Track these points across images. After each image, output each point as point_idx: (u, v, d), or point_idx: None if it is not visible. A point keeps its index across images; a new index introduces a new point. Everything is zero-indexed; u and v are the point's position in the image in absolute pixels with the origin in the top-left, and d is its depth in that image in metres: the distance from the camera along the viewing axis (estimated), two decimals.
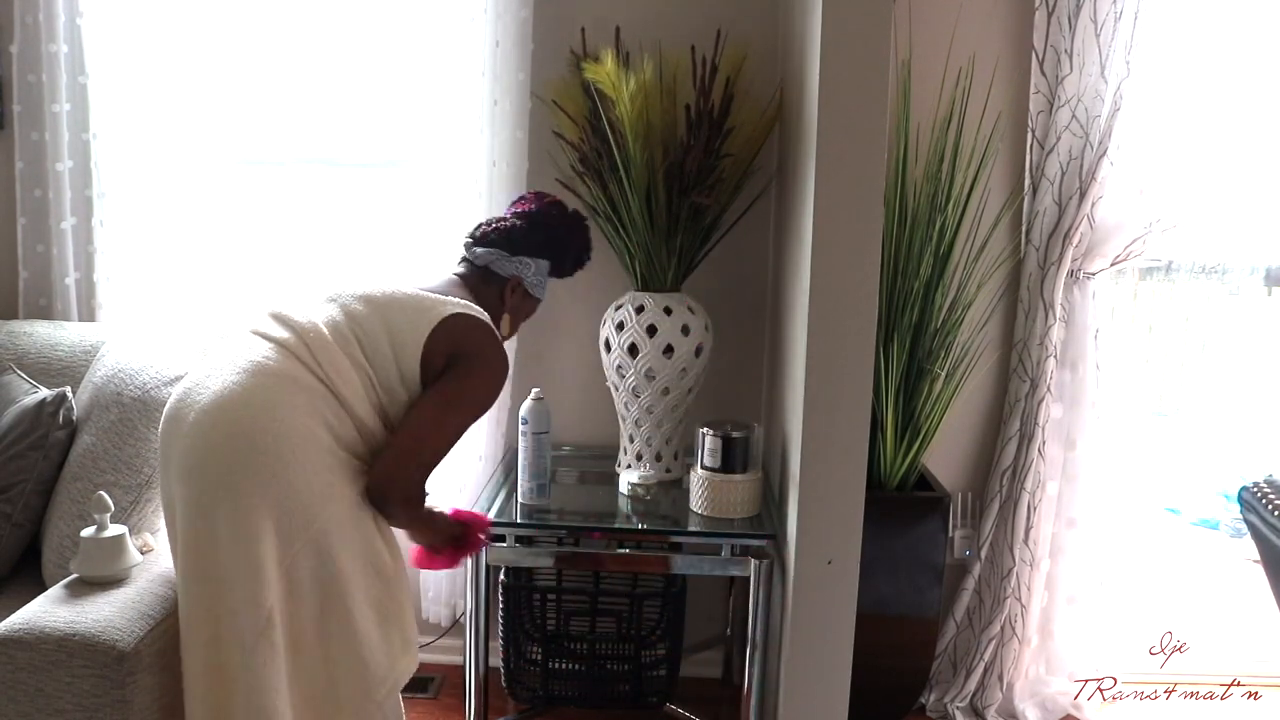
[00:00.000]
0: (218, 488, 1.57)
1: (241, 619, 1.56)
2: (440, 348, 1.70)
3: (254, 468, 1.57)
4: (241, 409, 1.59)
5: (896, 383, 2.26)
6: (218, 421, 1.59)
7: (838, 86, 1.75)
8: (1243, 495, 1.69)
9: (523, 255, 1.91)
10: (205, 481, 1.58)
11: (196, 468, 1.59)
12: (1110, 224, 2.38)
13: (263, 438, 1.57)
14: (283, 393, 1.61)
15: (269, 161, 2.64)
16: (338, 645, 1.64)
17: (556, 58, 2.40)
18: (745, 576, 2.01)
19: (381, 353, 1.69)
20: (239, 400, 1.60)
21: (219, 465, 1.58)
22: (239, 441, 1.57)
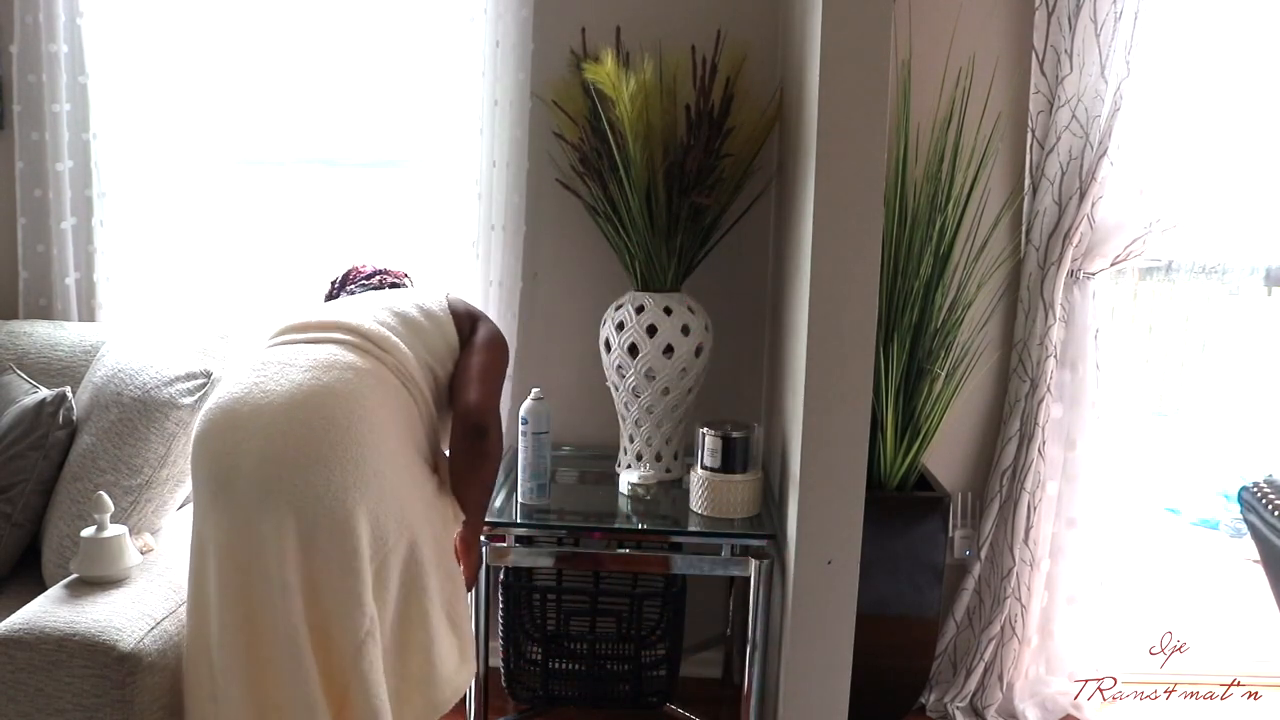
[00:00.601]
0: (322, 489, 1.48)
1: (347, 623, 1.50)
2: (461, 315, 1.85)
3: (354, 461, 1.51)
4: (327, 399, 1.53)
5: (896, 383, 2.26)
6: (302, 415, 1.51)
7: (838, 86, 1.75)
8: (1243, 495, 1.69)
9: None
10: (309, 484, 1.48)
11: (293, 470, 1.49)
12: (1110, 224, 2.38)
13: (359, 426, 1.52)
14: (363, 384, 1.58)
15: (269, 161, 2.64)
16: (414, 649, 1.60)
17: (557, 58, 2.40)
18: (745, 576, 2.01)
19: (428, 332, 1.76)
20: (322, 391, 1.53)
21: (318, 463, 1.49)
22: (333, 432, 1.50)
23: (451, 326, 1.80)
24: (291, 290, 2.66)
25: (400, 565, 1.58)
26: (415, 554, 1.59)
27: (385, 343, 1.65)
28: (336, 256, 2.65)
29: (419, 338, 1.73)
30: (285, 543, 1.49)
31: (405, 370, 1.65)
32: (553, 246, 2.52)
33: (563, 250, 2.52)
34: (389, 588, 1.57)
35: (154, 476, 1.94)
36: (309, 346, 1.63)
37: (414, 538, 1.59)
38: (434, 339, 1.76)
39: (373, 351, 1.64)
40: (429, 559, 1.62)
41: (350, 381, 1.56)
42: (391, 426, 1.60)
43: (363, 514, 1.51)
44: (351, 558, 1.50)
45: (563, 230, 2.50)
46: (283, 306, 2.61)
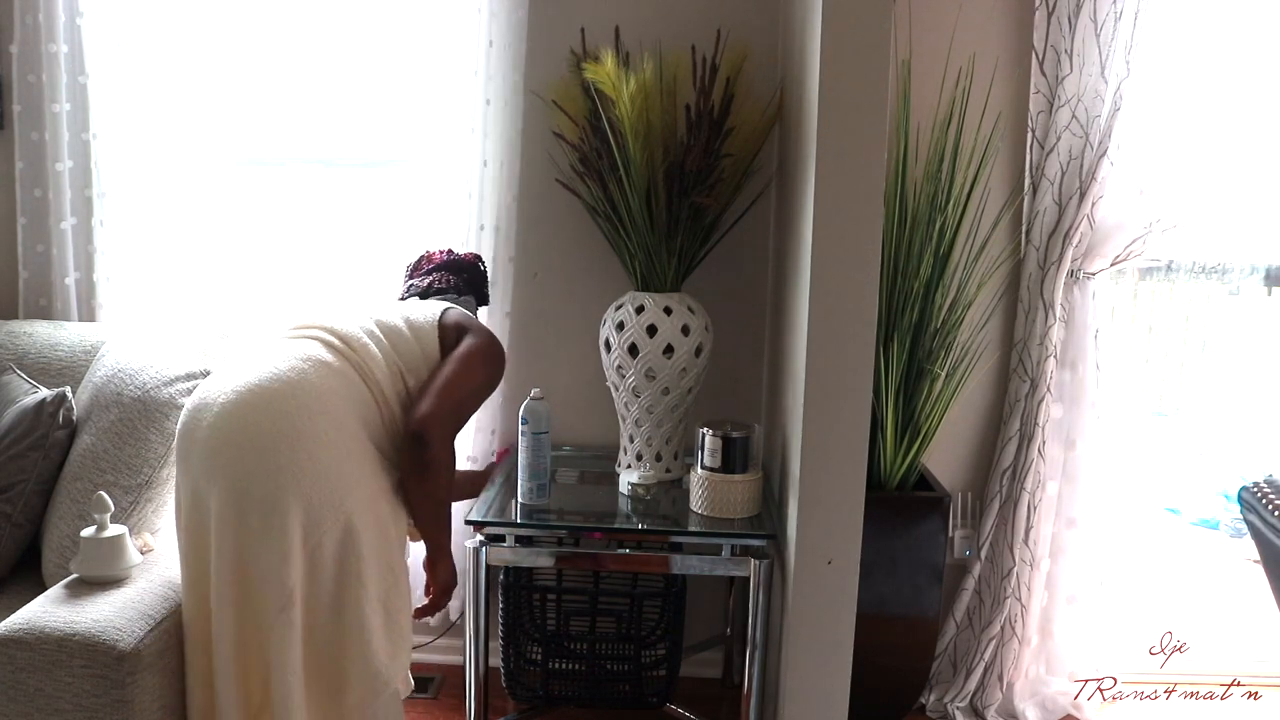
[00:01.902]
0: (254, 465, 1.60)
1: (265, 594, 1.59)
2: (450, 331, 1.88)
3: (291, 446, 1.60)
4: (280, 389, 1.65)
5: (896, 383, 2.26)
6: (255, 402, 1.63)
7: (838, 86, 1.75)
8: (1243, 495, 1.69)
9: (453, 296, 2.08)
10: (242, 459, 1.61)
11: (232, 446, 1.62)
12: (1110, 224, 2.38)
13: (301, 416, 1.63)
14: (320, 377, 1.68)
15: (269, 161, 2.64)
16: (349, 632, 1.66)
17: (554, 57, 2.40)
18: (745, 576, 2.01)
19: (405, 339, 1.81)
20: (278, 382, 1.65)
21: (257, 443, 1.61)
22: (279, 420, 1.62)
23: (434, 339, 1.85)
24: (291, 290, 2.66)
25: (335, 548, 1.63)
26: (351, 541, 1.64)
27: (356, 344, 1.75)
28: (335, 256, 2.67)
29: (395, 345, 1.80)
30: (223, 511, 1.60)
31: (370, 372, 1.74)
32: (553, 247, 2.52)
33: (563, 250, 2.53)
34: (323, 569, 1.63)
35: (154, 476, 1.94)
36: (293, 342, 1.76)
37: (350, 524, 1.64)
38: (410, 348, 1.81)
39: (344, 352, 1.74)
40: (368, 547, 1.67)
41: (309, 374, 1.68)
42: (346, 421, 1.68)
43: (293, 495, 1.59)
44: (277, 534, 1.58)
45: (563, 230, 2.51)
46: (282, 306, 2.62)
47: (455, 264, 2.15)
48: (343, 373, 1.71)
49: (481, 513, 2.06)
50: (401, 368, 1.79)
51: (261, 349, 1.75)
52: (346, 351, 1.74)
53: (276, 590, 1.59)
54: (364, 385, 1.73)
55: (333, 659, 1.65)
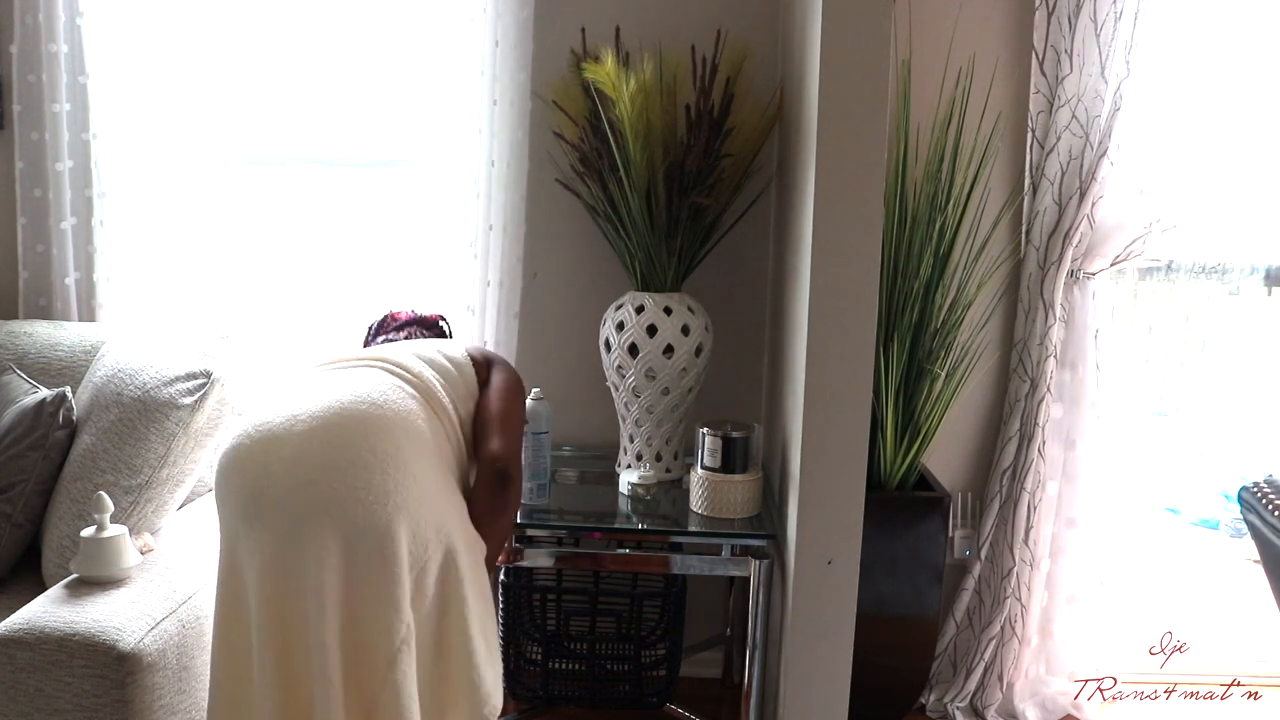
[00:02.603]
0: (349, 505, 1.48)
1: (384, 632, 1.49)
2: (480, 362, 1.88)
3: (391, 462, 1.51)
4: (369, 409, 1.56)
5: (896, 383, 2.26)
6: (340, 422, 1.53)
7: (838, 86, 1.75)
8: (1243, 495, 1.69)
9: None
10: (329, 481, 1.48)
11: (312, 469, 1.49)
12: (1110, 224, 2.38)
13: (398, 432, 1.55)
14: (402, 400, 1.63)
15: (269, 161, 2.64)
16: (454, 660, 1.59)
17: (557, 58, 2.40)
18: (745, 576, 2.02)
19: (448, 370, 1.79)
20: (363, 403, 1.57)
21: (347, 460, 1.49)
22: (372, 437, 1.52)
23: (471, 371, 1.84)
24: (290, 290, 2.66)
25: (438, 572, 1.57)
26: (453, 562, 1.59)
27: (415, 373, 1.71)
28: (336, 256, 2.67)
29: (443, 376, 1.77)
30: (324, 548, 1.48)
31: (438, 400, 1.70)
32: (553, 246, 2.52)
33: (563, 250, 2.53)
34: (426, 594, 1.56)
35: (154, 476, 1.94)
36: (351, 371, 1.69)
37: (451, 546, 1.59)
38: (456, 382, 1.79)
39: (409, 380, 1.69)
40: (466, 571, 1.61)
41: (392, 396, 1.61)
42: (432, 443, 1.63)
43: (403, 519, 1.51)
44: (391, 563, 1.50)
45: (563, 230, 2.51)
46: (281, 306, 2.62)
47: (422, 321, 2.11)
48: (414, 397, 1.66)
49: None
50: (455, 401, 1.75)
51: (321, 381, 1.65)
52: (411, 379, 1.69)
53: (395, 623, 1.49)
54: (434, 413, 1.68)
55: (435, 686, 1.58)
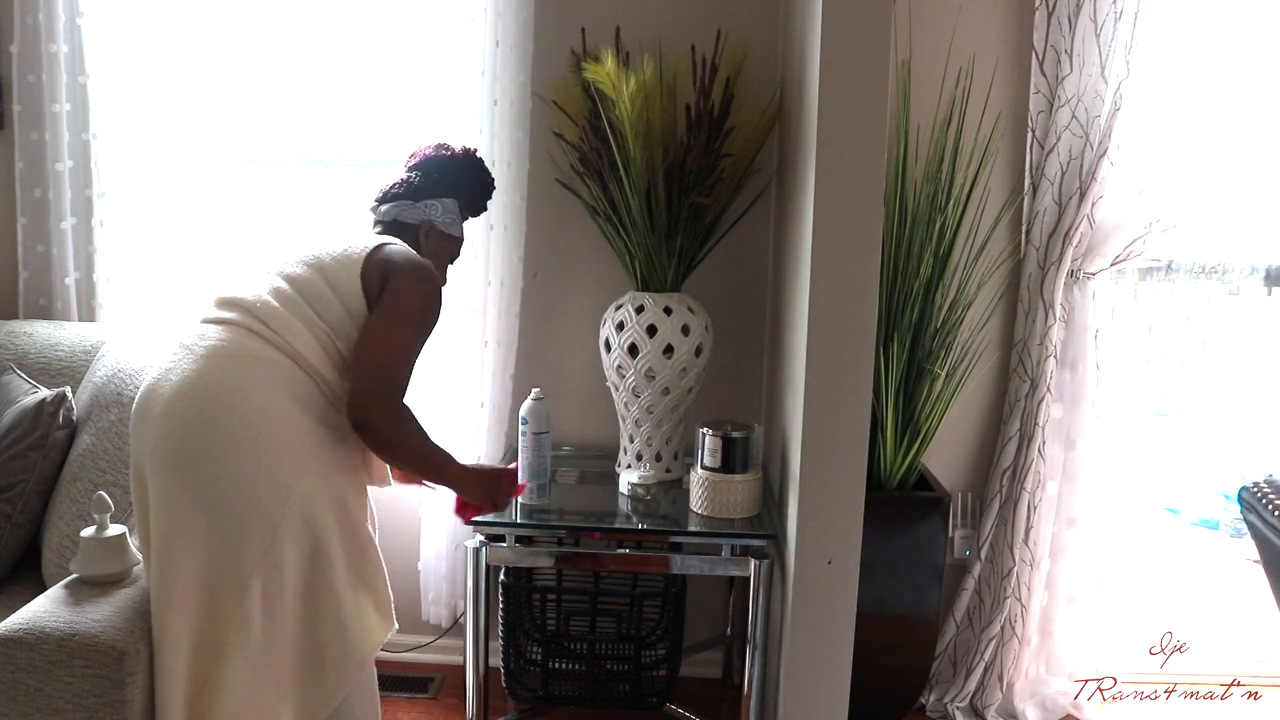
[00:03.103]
0: (191, 476, 1.60)
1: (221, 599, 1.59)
2: (373, 275, 1.75)
3: (223, 450, 1.59)
4: (203, 393, 1.62)
5: (896, 383, 2.26)
6: (182, 409, 1.62)
7: (838, 86, 1.75)
8: (1243, 495, 1.69)
9: (426, 199, 1.94)
10: (179, 469, 1.61)
11: (166, 457, 1.61)
12: (1110, 224, 2.38)
13: (228, 419, 1.60)
14: (242, 371, 1.65)
15: (269, 161, 2.64)
16: (322, 613, 1.67)
17: (557, 58, 2.40)
18: (745, 576, 2.01)
19: (327, 300, 1.72)
20: (200, 385, 1.63)
21: (190, 452, 1.60)
22: (206, 426, 1.60)
23: (357, 293, 1.73)
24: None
25: (294, 539, 1.63)
26: (310, 528, 1.64)
27: (278, 322, 1.69)
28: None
29: (318, 309, 1.72)
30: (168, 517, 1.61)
31: (297, 352, 1.68)
32: (553, 246, 2.52)
33: (563, 250, 2.53)
34: (286, 564, 1.63)
35: None
36: (212, 327, 1.70)
37: (305, 514, 1.64)
38: (332, 310, 1.73)
39: (266, 335, 1.68)
40: (327, 528, 1.67)
41: (229, 371, 1.64)
42: (279, 408, 1.65)
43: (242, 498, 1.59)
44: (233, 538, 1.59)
45: (563, 230, 2.51)
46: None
47: (423, 164, 1.99)
48: (267, 359, 1.66)
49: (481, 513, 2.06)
50: (329, 332, 1.71)
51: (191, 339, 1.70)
52: (268, 334, 1.68)
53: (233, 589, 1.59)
54: (294, 366, 1.68)
55: (309, 641, 1.67)
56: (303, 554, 1.65)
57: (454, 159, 2.02)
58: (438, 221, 1.95)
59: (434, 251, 1.96)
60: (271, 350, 1.67)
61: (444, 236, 1.97)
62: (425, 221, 1.94)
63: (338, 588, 1.68)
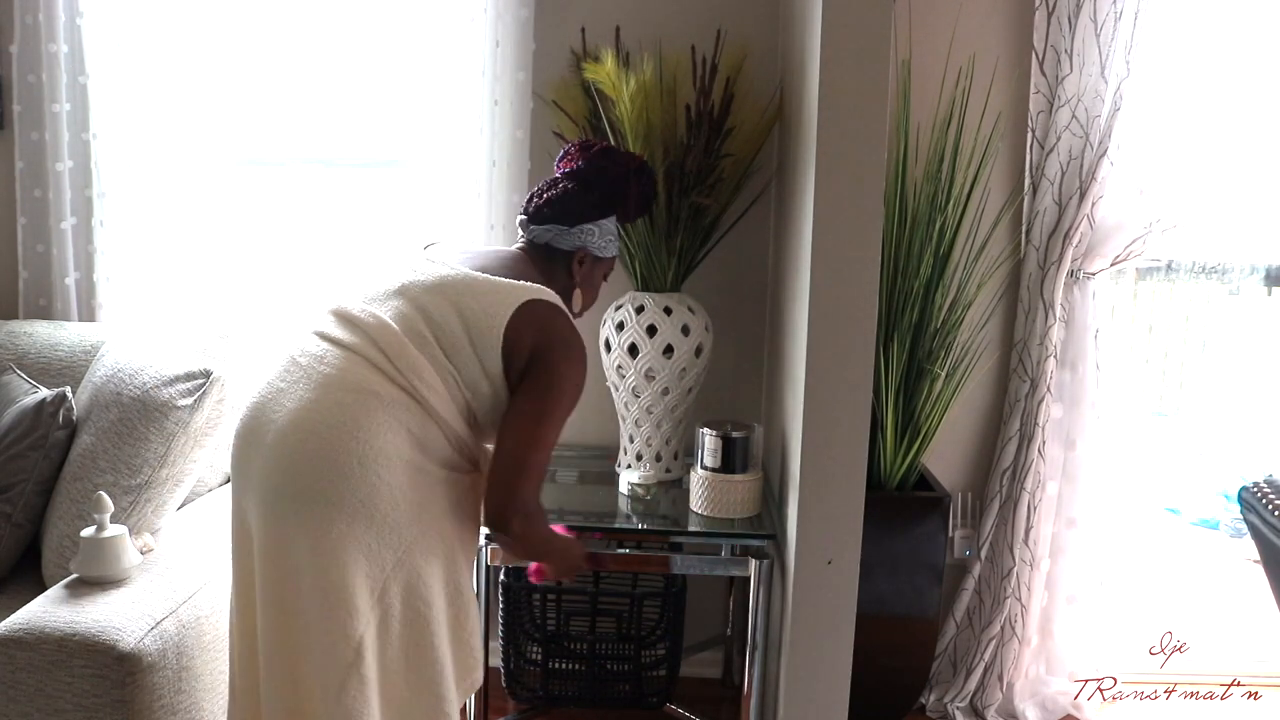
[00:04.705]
0: (302, 515, 1.49)
1: (331, 652, 1.48)
2: (523, 338, 1.58)
3: (339, 493, 1.48)
4: (322, 430, 1.50)
5: (896, 383, 2.26)
6: (297, 445, 1.51)
7: (838, 86, 1.75)
8: (1243, 495, 1.69)
9: (583, 223, 1.76)
10: (287, 508, 1.50)
11: (277, 493, 1.51)
12: (1110, 224, 2.38)
13: (346, 461, 1.49)
14: (363, 409, 1.51)
15: (269, 161, 2.64)
16: (419, 672, 1.58)
17: (557, 57, 2.40)
18: (745, 576, 2.01)
19: (461, 347, 1.57)
20: (318, 420, 1.51)
21: (302, 492, 1.49)
22: (322, 466, 1.49)
23: (496, 348, 1.57)
24: (290, 289, 2.66)
25: (401, 592, 1.55)
26: (417, 581, 1.55)
27: (405, 364, 1.55)
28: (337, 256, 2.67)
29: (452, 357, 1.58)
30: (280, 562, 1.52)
31: (424, 397, 1.55)
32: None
33: None
34: (393, 616, 1.54)
35: (154, 476, 1.93)
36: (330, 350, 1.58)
37: (414, 565, 1.54)
38: (465, 357, 1.58)
39: (392, 375, 1.54)
40: (434, 580, 1.58)
41: (350, 407, 1.52)
42: (399, 453, 1.53)
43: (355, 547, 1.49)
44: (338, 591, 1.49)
45: None
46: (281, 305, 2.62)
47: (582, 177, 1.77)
48: (390, 399, 1.53)
49: None
50: (458, 379, 1.58)
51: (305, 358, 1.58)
52: (390, 371, 1.54)
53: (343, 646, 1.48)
54: (419, 407, 1.55)
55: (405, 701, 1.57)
56: (408, 609, 1.55)
57: (620, 173, 1.81)
58: (593, 246, 1.77)
59: (585, 277, 1.80)
60: (394, 389, 1.54)
61: (597, 261, 1.80)
62: (580, 249, 1.76)
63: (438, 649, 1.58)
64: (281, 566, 1.51)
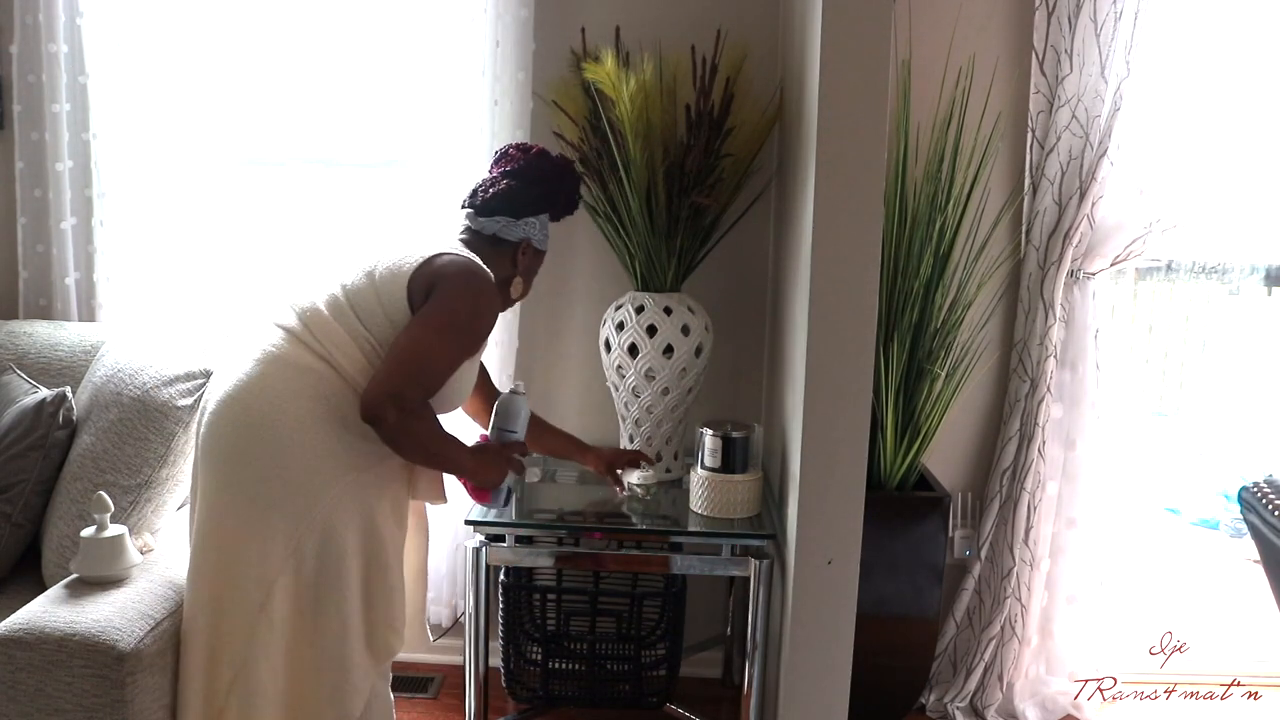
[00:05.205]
0: (228, 476, 1.65)
1: (244, 593, 1.62)
2: (419, 284, 1.70)
3: (257, 455, 1.64)
4: (245, 398, 1.67)
5: (896, 383, 2.26)
6: (225, 413, 1.67)
7: (838, 86, 1.75)
8: (1243, 495, 1.69)
9: (526, 216, 1.87)
10: (217, 470, 1.67)
11: (210, 457, 1.68)
12: (1110, 224, 2.38)
13: (262, 425, 1.64)
14: (284, 378, 1.67)
15: (269, 161, 2.63)
16: (328, 625, 1.68)
17: (557, 57, 2.40)
18: (745, 576, 2.01)
19: (372, 310, 1.70)
20: (243, 390, 1.67)
21: (228, 455, 1.66)
22: (242, 431, 1.65)
23: (400, 301, 1.69)
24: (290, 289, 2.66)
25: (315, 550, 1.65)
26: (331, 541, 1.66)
27: (324, 333, 1.69)
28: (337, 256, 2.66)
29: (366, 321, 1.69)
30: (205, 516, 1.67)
31: (340, 364, 1.68)
32: (553, 246, 2.50)
33: (563, 250, 2.52)
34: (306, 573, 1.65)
35: (153, 476, 1.94)
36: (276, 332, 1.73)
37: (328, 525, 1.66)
38: (376, 320, 1.69)
39: (312, 345, 1.69)
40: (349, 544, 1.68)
41: (272, 380, 1.67)
42: (316, 420, 1.65)
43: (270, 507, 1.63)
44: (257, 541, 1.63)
45: (562, 230, 2.49)
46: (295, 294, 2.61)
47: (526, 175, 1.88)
48: (310, 369, 1.67)
49: (481, 513, 2.06)
50: (373, 343, 1.69)
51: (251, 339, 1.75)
52: (312, 343, 1.68)
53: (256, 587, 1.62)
54: (336, 377, 1.67)
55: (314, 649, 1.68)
56: (320, 563, 1.66)
57: (556, 172, 1.93)
58: (534, 239, 1.89)
59: (527, 267, 1.91)
60: (315, 359, 1.69)
61: (536, 253, 1.92)
62: (524, 240, 1.88)
63: (347, 603, 1.69)
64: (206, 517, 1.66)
